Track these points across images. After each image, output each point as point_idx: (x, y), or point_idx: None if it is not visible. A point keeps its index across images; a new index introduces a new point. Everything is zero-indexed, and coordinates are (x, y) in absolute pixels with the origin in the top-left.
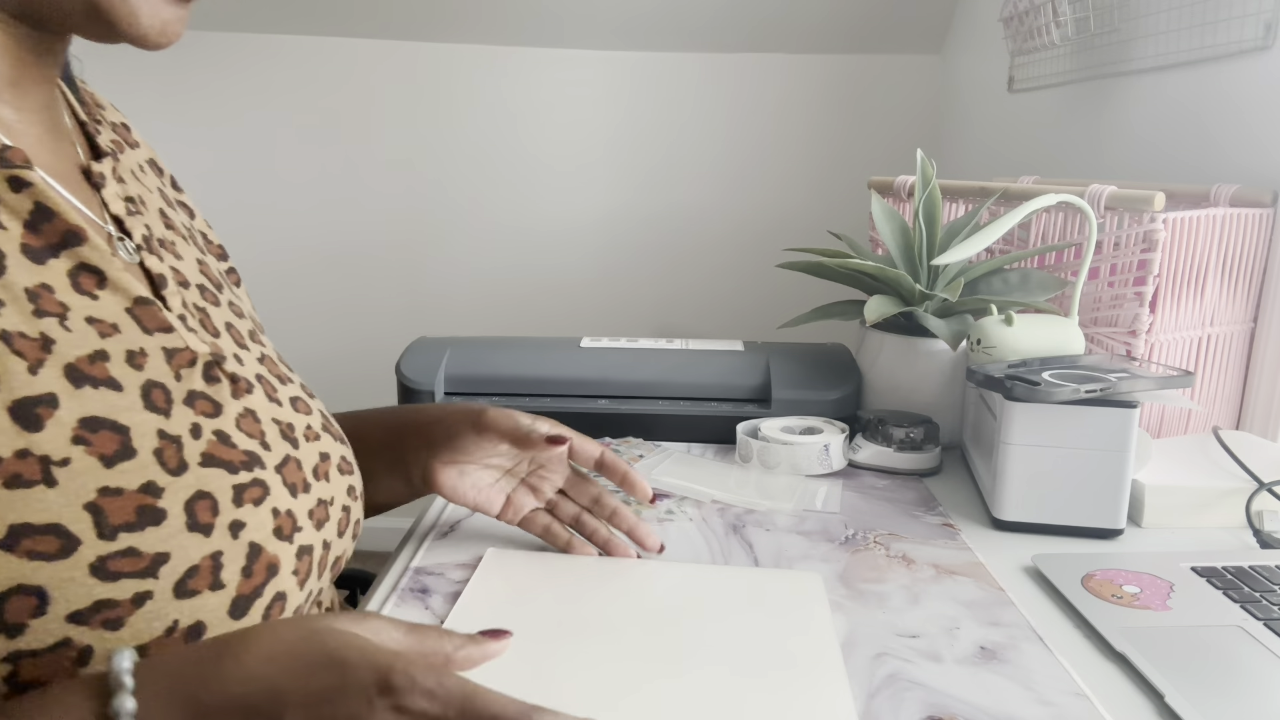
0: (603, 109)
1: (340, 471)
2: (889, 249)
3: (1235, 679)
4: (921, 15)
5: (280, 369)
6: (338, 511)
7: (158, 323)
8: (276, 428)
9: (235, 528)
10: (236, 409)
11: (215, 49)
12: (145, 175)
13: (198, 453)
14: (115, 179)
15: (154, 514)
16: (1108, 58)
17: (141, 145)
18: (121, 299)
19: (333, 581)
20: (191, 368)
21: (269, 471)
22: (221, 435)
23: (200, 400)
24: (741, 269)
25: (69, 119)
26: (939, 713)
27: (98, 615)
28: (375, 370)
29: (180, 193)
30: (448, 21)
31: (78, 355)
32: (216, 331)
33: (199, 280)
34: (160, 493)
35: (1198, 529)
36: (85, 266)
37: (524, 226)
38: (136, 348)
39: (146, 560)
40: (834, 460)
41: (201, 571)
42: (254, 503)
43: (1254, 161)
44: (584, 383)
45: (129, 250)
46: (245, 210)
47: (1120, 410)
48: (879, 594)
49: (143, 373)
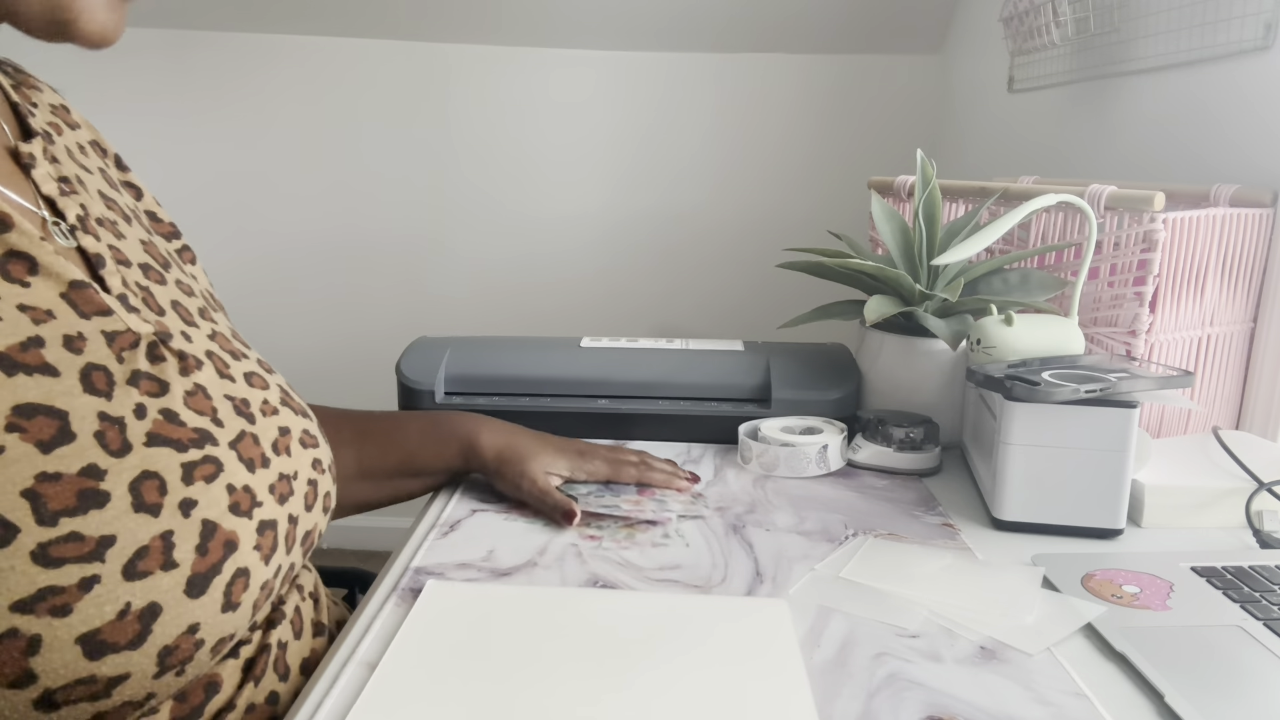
0: (603, 109)
1: (303, 445)
2: (889, 249)
3: (1235, 679)
4: (921, 15)
5: (234, 345)
6: (302, 485)
7: (95, 306)
8: (230, 404)
9: (186, 506)
10: (185, 386)
11: (215, 49)
12: (86, 155)
13: (143, 433)
14: (47, 159)
15: (96, 497)
16: (1108, 58)
17: (83, 126)
18: (55, 284)
19: (307, 556)
20: (134, 349)
21: (222, 448)
22: (169, 414)
23: (145, 380)
24: (741, 269)
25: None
26: (939, 713)
27: (43, 603)
28: (375, 370)
29: (125, 172)
30: (448, 21)
31: (8, 344)
32: (161, 310)
33: (142, 259)
34: (103, 475)
35: (1198, 529)
36: (14, 253)
37: (524, 226)
38: (74, 332)
39: (91, 544)
40: (831, 461)
41: (151, 552)
42: (205, 480)
43: (1254, 161)
44: (584, 383)
45: (63, 233)
46: (245, 210)
47: (1120, 410)
48: (879, 594)
49: (82, 356)
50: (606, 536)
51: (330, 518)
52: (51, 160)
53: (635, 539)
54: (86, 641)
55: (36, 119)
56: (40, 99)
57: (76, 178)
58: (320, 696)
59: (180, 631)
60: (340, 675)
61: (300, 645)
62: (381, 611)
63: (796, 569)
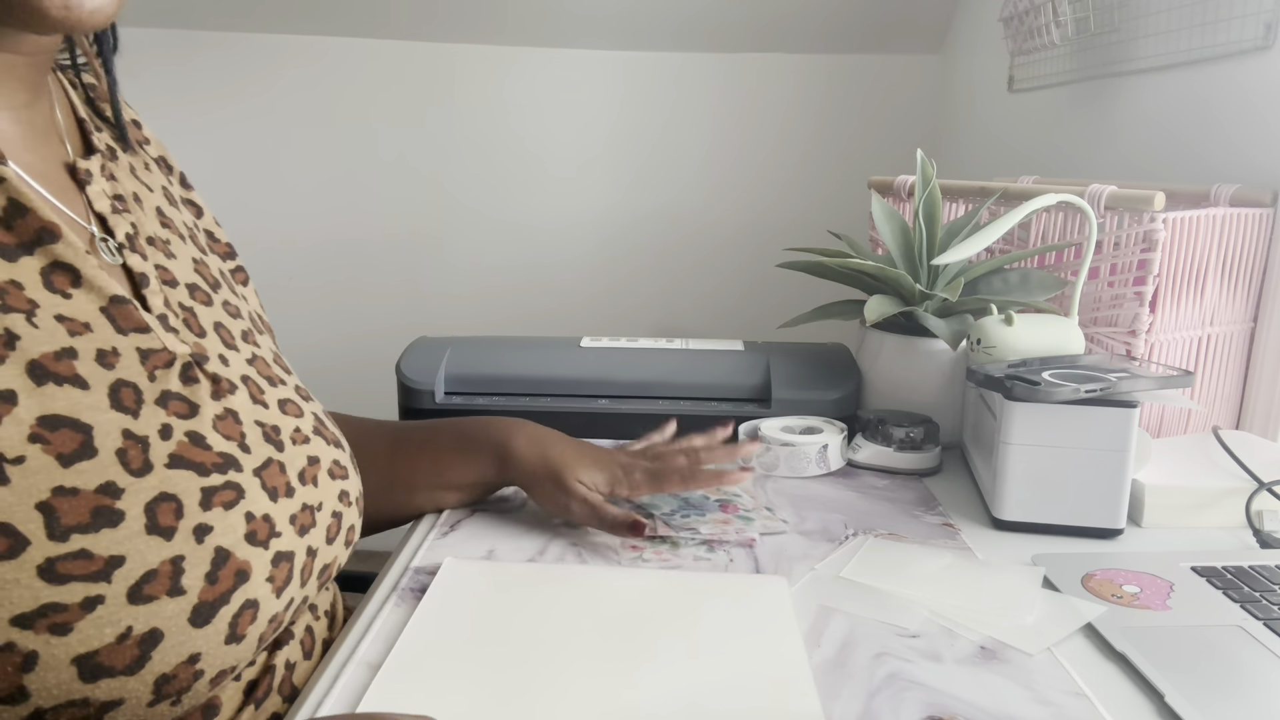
0: (604, 109)
1: (331, 476)
2: (889, 249)
3: (1235, 679)
4: (921, 15)
5: (273, 371)
6: (326, 517)
7: (133, 322)
8: (259, 430)
9: (201, 531)
10: (215, 409)
11: (215, 49)
12: (151, 173)
13: (165, 454)
14: (105, 177)
15: (110, 515)
16: (1108, 58)
17: (153, 142)
18: (96, 298)
19: (323, 588)
20: (168, 368)
21: (246, 474)
22: (195, 436)
23: (175, 401)
24: (741, 269)
25: (67, 116)
26: (939, 713)
27: (44, 619)
28: (375, 370)
29: (189, 190)
30: (448, 21)
31: (43, 352)
32: (203, 331)
33: (191, 279)
34: (120, 494)
35: (1198, 529)
36: (59, 264)
37: (524, 226)
38: (109, 347)
39: (99, 563)
40: (831, 461)
41: (159, 576)
42: (224, 506)
43: (1254, 161)
44: (584, 383)
45: (111, 250)
46: (245, 210)
47: (1120, 410)
48: (879, 593)
49: (113, 372)
50: (650, 548)
51: (360, 537)
52: (109, 178)
53: (679, 553)
54: (82, 663)
55: (100, 134)
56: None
57: (135, 195)
58: (320, 697)
59: (180, 660)
60: (340, 675)
61: (309, 665)
62: (381, 611)
63: (797, 569)
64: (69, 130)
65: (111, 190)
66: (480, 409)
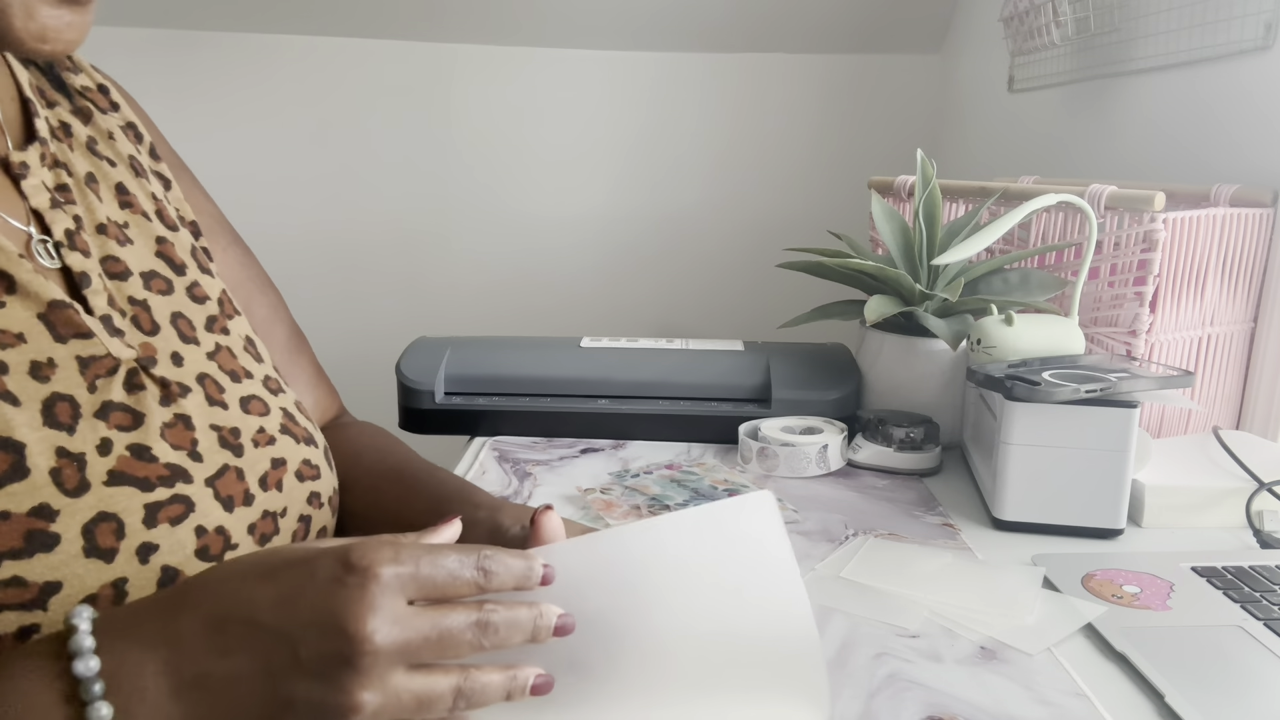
0: (605, 109)
1: (299, 478)
2: (889, 249)
3: (1235, 679)
4: (921, 15)
5: (238, 363)
6: (291, 523)
7: (73, 328)
8: (215, 434)
9: (145, 551)
10: (163, 417)
11: (215, 49)
12: (115, 142)
13: (104, 470)
14: (47, 165)
15: (45, 539)
16: (1108, 58)
17: (124, 106)
18: (32, 304)
19: None
20: (110, 376)
21: (196, 485)
22: (138, 449)
23: (117, 412)
24: (741, 269)
25: (8, 104)
26: (939, 713)
27: None
28: (375, 370)
29: (157, 162)
30: (448, 21)
31: None
32: (155, 328)
33: (149, 266)
34: (54, 516)
35: (1198, 529)
36: None
37: (524, 226)
38: (44, 358)
39: (34, 591)
40: (831, 461)
41: (100, 601)
42: (171, 522)
43: (1254, 161)
44: (584, 383)
45: (49, 252)
46: (244, 210)
47: (1120, 410)
48: (879, 593)
49: (48, 385)
50: None
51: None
52: (52, 165)
53: None
54: None
55: (56, 110)
56: (73, 81)
57: (89, 175)
58: None
59: None
60: None
61: None
62: None
63: None
64: (9, 120)
65: (54, 180)
66: (481, 410)
